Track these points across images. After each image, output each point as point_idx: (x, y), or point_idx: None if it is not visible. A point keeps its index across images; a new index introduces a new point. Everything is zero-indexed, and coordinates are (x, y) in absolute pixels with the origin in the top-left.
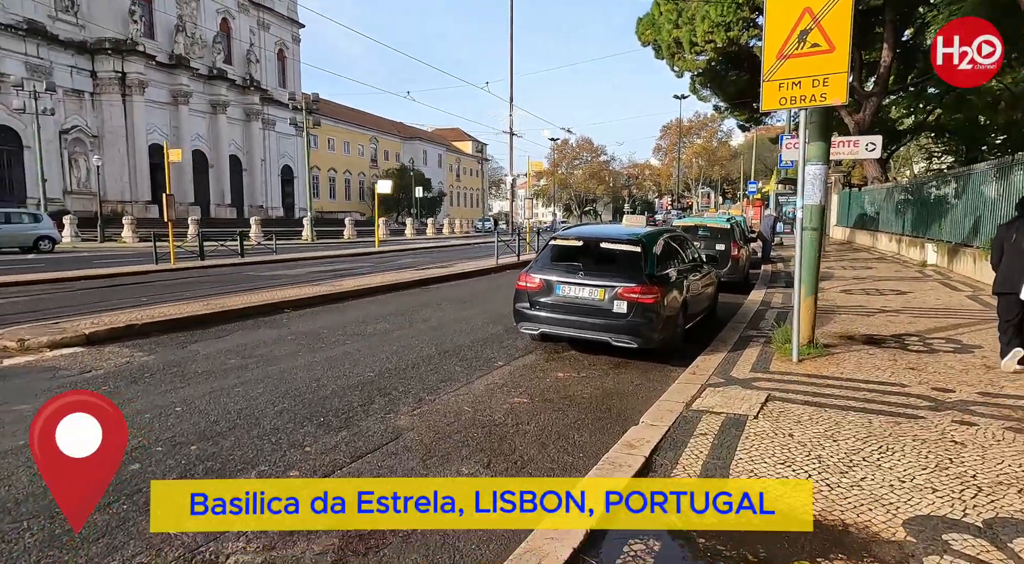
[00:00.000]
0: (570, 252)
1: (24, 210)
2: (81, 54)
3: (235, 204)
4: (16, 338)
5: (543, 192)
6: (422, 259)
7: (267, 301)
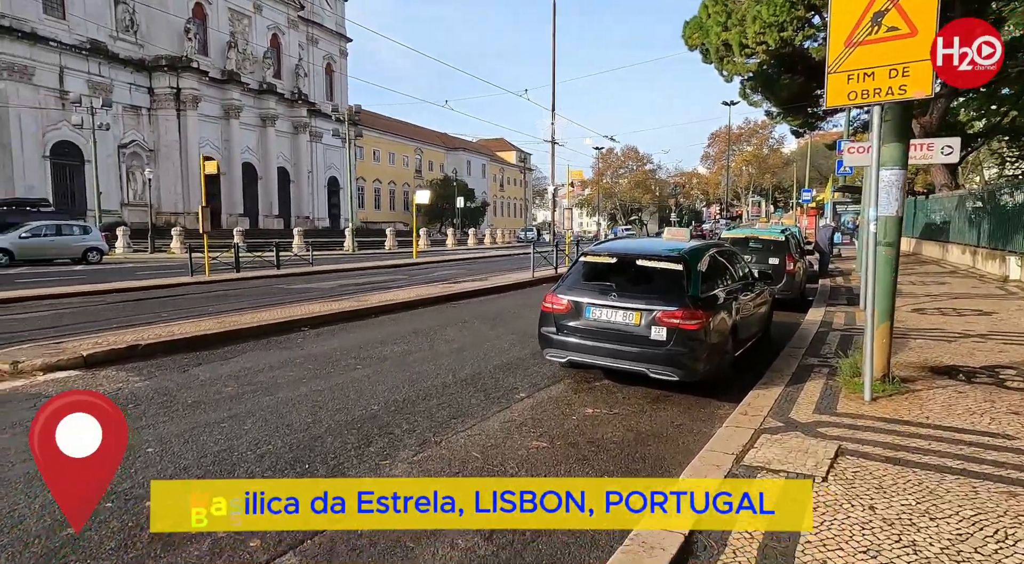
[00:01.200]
0: (602, 270)
1: (75, 222)
2: (139, 71)
3: (282, 215)
4: (10, 360)
5: (587, 201)
6: (457, 271)
7: (284, 318)
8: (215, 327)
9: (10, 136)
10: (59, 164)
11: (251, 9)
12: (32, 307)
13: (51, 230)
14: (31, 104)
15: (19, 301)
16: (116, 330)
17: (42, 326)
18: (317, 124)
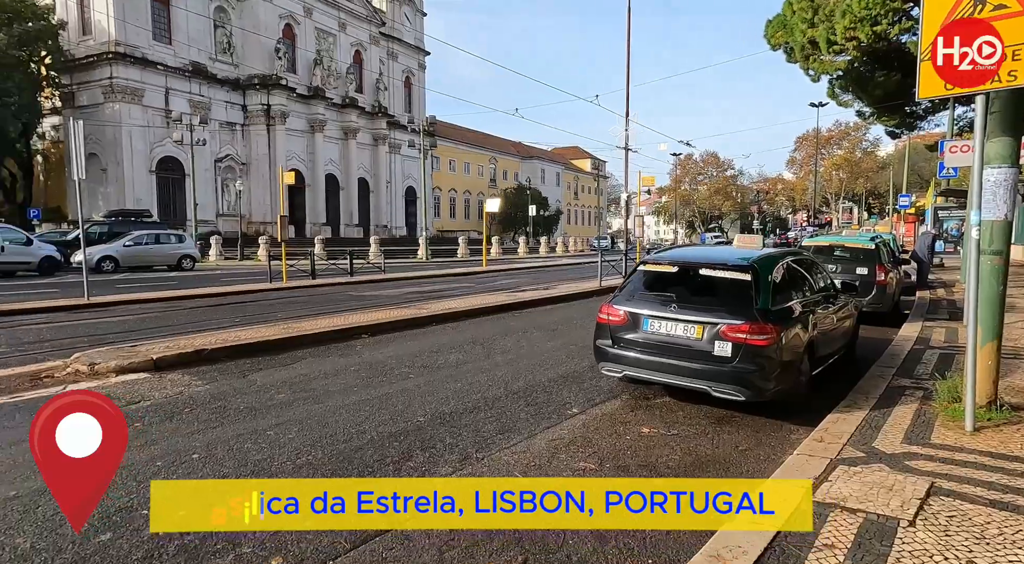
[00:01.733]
0: (662, 279)
1: (171, 232)
2: (235, 90)
3: (362, 224)
4: (88, 363)
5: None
6: (523, 280)
7: (344, 325)
8: (278, 333)
9: (122, 153)
10: (163, 178)
11: (336, 28)
12: (123, 311)
13: (151, 239)
14: (140, 123)
15: (114, 305)
16: (189, 334)
17: (127, 329)
18: (396, 136)
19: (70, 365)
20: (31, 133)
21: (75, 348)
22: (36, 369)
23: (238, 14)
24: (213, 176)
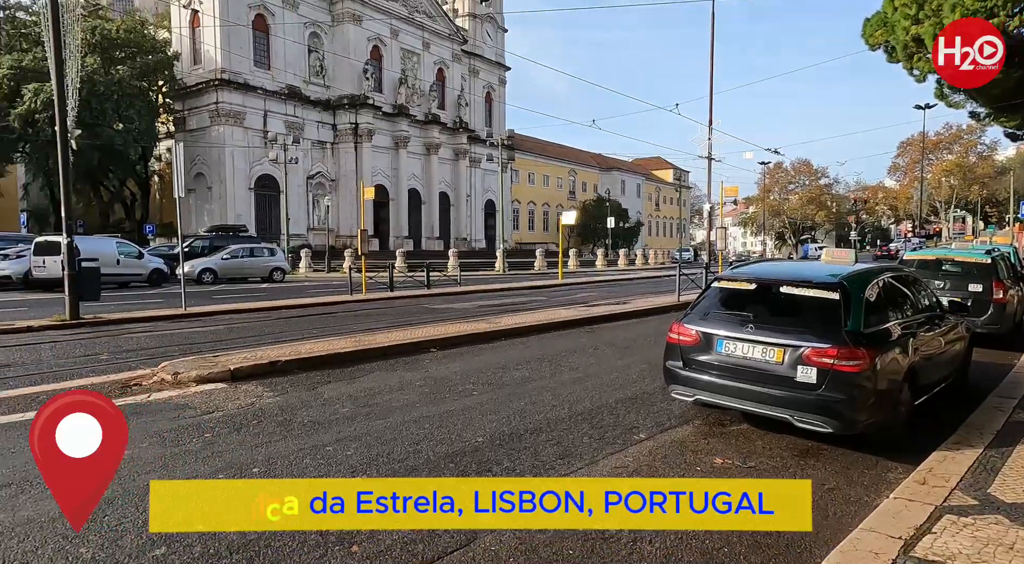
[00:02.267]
0: (739, 297)
1: (265, 245)
2: (325, 110)
3: (443, 237)
4: (173, 372)
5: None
6: (598, 293)
7: (413, 339)
8: (349, 346)
9: (225, 172)
10: (260, 194)
11: (420, 47)
12: (215, 321)
13: (246, 252)
14: (242, 144)
15: (208, 315)
16: (268, 345)
17: (215, 339)
18: (476, 150)
19: (157, 374)
20: (149, 156)
21: (167, 356)
22: (127, 377)
23: (330, 38)
24: (305, 192)
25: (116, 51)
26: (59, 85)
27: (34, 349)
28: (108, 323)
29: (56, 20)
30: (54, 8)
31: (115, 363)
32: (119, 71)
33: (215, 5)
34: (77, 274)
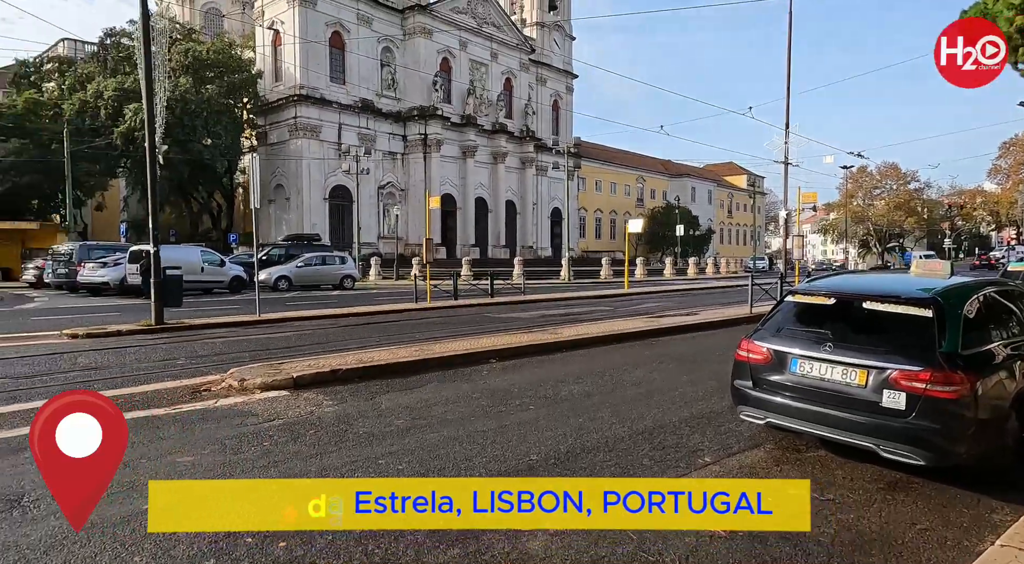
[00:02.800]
0: (815, 313)
1: (336, 254)
2: (396, 122)
3: (509, 245)
4: (240, 378)
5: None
6: (666, 304)
7: (473, 349)
8: (409, 355)
9: (302, 183)
10: (334, 204)
11: (488, 58)
12: (286, 327)
13: (318, 261)
14: (317, 156)
15: (280, 321)
16: (331, 353)
17: (284, 345)
18: (542, 158)
19: (225, 380)
20: (234, 169)
21: (237, 362)
22: (198, 383)
23: (401, 52)
24: (376, 202)
25: (206, 71)
26: (149, 105)
27: (120, 353)
28: (188, 328)
29: (147, 45)
30: (145, 34)
31: (189, 368)
32: (208, 90)
33: (295, 24)
34: (161, 282)
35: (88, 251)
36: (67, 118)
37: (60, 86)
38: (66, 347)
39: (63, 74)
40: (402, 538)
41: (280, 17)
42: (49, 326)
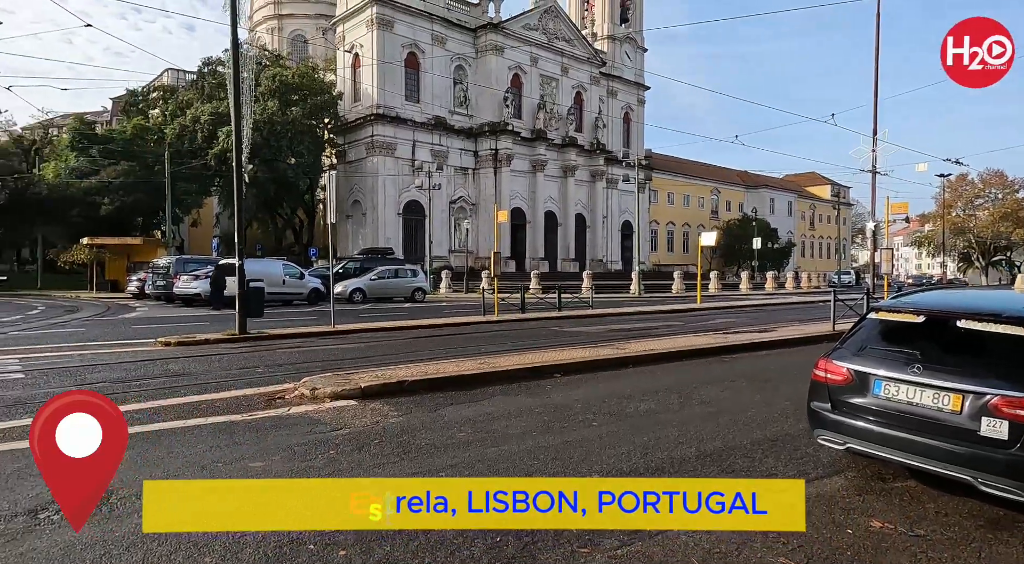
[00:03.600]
0: (902, 331)
1: (408, 267)
2: (468, 138)
3: (578, 258)
4: (311, 387)
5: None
6: (740, 319)
7: (537, 363)
8: (473, 368)
9: (377, 198)
10: (408, 219)
11: (559, 72)
12: (357, 339)
13: (391, 274)
14: (392, 172)
15: (353, 332)
16: (399, 364)
17: (356, 356)
18: (612, 171)
19: (297, 388)
20: (315, 186)
21: (310, 372)
22: (272, 391)
23: (473, 70)
24: (448, 216)
25: (291, 94)
26: (236, 128)
27: (206, 360)
28: (268, 338)
29: (236, 73)
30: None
31: (266, 376)
32: (293, 112)
33: (373, 47)
34: (245, 294)
35: (183, 264)
36: (168, 141)
37: (163, 112)
38: (159, 354)
39: (166, 101)
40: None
41: (360, 41)
42: (147, 334)
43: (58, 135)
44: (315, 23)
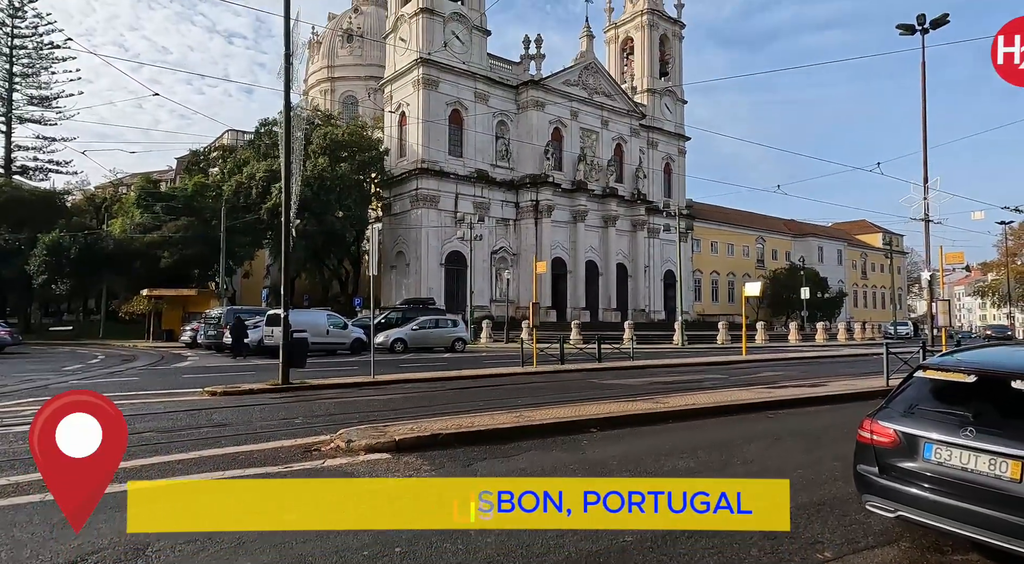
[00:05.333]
0: (954, 391)
1: (448, 317)
2: (509, 190)
3: (620, 308)
4: (347, 439)
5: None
6: (787, 372)
7: (573, 417)
8: (509, 422)
9: (420, 250)
10: (450, 269)
11: (599, 125)
12: (396, 389)
13: (432, 324)
14: (435, 224)
15: (391, 383)
16: (434, 416)
17: (393, 407)
18: (654, 221)
19: (334, 441)
20: (361, 238)
21: (347, 423)
22: (309, 442)
23: (515, 125)
24: (489, 266)
25: (341, 151)
26: (286, 185)
27: (248, 411)
28: (309, 388)
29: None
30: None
31: (305, 427)
32: (342, 168)
33: (419, 106)
34: (289, 345)
35: (233, 315)
36: (225, 198)
37: (222, 170)
38: (204, 404)
39: (225, 160)
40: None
41: (406, 100)
42: (195, 383)
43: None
44: (365, 84)
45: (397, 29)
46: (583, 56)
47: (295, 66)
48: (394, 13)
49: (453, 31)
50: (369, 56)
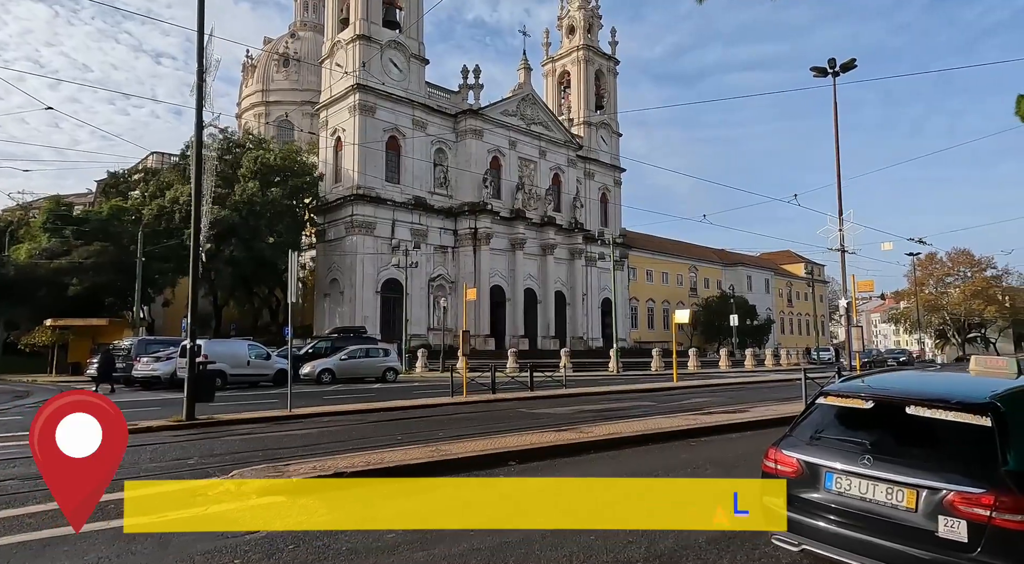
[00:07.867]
0: (853, 418)
1: (380, 346)
2: (447, 217)
3: (558, 336)
4: (239, 482)
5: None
6: (715, 399)
7: (493, 450)
8: (423, 456)
9: (356, 277)
10: (386, 297)
11: (537, 155)
12: (313, 423)
13: (362, 353)
14: (371, 251)
15: (309, 417)
16: (344, 453)
17: (305, 443)
18: (591, 249)
19: (224, 484)
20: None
21: (249, 462)
22: (197, 485)
23: (453, 153)
24: (427, 294)
25: (272, 176)
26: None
27: (138, 451)
28: (217, 424)
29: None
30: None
31: (198, 468)
32: (273, 192)
33: (355, 132)
34: (194, 377)
35: (145, 346)
36: (145, 222)
37: (143, 193)
38: None
39: (147, 183)
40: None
41: (343, 125)
42: None
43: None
44: (300, 109)
45: (334, 54)
46: (521, 87)
47: (207, 82)
48: (331, 39)
49: (391, 58)
50: (305, 81)
